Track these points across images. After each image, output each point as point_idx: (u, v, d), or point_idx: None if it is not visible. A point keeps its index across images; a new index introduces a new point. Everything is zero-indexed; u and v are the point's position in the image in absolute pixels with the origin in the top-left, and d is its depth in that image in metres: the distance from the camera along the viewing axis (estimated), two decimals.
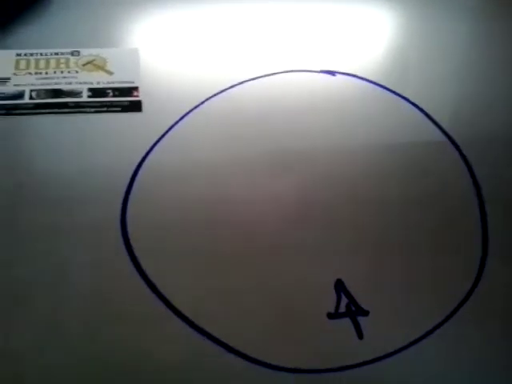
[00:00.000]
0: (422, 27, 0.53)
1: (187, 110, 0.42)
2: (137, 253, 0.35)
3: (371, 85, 0.47)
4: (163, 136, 0.41)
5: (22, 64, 0.43)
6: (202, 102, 0.43)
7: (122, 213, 0.37)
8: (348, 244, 0.37)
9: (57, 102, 0.41)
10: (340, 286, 0.35)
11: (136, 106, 0.42)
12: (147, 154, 0.39)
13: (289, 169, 0.41)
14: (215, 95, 0.44)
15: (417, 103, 0.46)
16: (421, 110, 0.46)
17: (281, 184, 0.40)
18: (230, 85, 0.44)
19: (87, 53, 0.44)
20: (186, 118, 0.42)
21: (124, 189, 0.37)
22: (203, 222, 0.37)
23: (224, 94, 0.44)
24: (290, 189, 0.40)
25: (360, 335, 0.34)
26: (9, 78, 0.41)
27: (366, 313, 0.35)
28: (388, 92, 0.47)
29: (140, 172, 0.39)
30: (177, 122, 0.41)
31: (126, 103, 0.42)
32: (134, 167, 0.39)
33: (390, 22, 0.54)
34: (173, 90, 0.44)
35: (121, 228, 0.36)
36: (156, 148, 0.40)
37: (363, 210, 0.39)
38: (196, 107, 0.43)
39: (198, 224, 0.37)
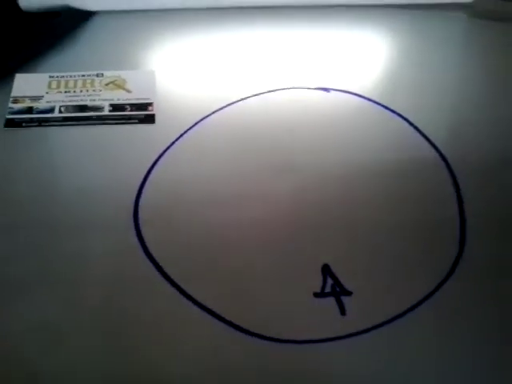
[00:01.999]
0: (413, 49, 0.58)
1: (194, 122, 0.48)
2: (148, 245, 0.40)
3: (362, 99, 0.52)
4: (172, 144, 0.46)
5: (54, 84, 0.49)
6: (208, 115, 0.49)
7: (134, 207, 0.42)
8: (335, 234, 0.42)
9: (82, 116, 0.47)
10: (326, 270, 0.40)
11: (150, 119, 0.47)
12: (159, 158, 0.45)
13: (284, 176, 0.45)
14: (220, 109, 0.49)
15: (406, 116, 0.50)
16: (410, 123, 0.50)
17: (277, 187, 0.44)
18: (232, 101, 0.50)
19: (110, 74, 0.51)
20: (193, 129, 0.47)
21: (137, 187, 0.43)
22: (207, 220, 0.42)
23: (227, 109, 0.49)
24: (286, 190, 0.44)
25: (343, 312, 0.38)
26: (42, 96, 0.48)
27: (349, 293, 0.39)
28: (378, 106, 0.52)
29: (151, 174, 0.44)
30: (185, 132, 0.47)
31: (142, 116, 0.48)
32: (147, 169, 0.44)
33: (383, 45, 0.59)
34: (182, 106, 0.50)
35: (133, 218, 0.41)
36: (166, 154, 0.46)
37: (350, 208, 0.43)
38: (202, 119, 0.48)
39: (203, 221, 0.42)
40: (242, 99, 0.50)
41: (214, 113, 0.49)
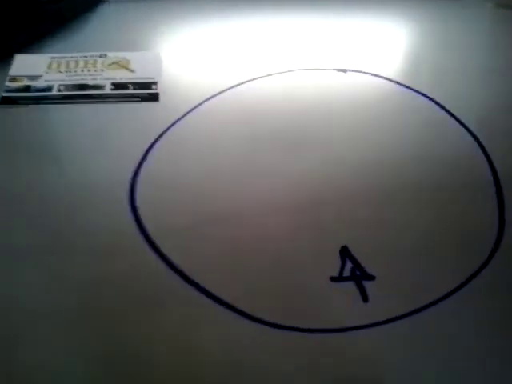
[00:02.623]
0: (436, 36, 0.54)
1: (201, 101, 0.44)
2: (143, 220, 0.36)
3: (382, 80, 0.48)
4: (175, 123, 0.43)
5: (54, 65, 0.46)
6: (216, 94, 0.45)
7: (131, 185, 0.38)
8: (355, 214, 0.37)
9: (82, 94, 0.44)
10: (345, 252, 0.35)
11: (154, 97, 0.44)
12: (160, 136, 0.41)
13: (299, 157, 0.41)
14: (229, 89, 0.46)
15: (426, 93, 0.46)
16: (430, 98, 0.46)
17: (291, 168, 0.40)
18: (239, 82, 0.46)
19: (113, 55, 0.48)
20: (199, 108, 0.44)
21: (135, 166, 0.39)
22: (210, 201, 0.38)
23: (234, 89, 0.46)
24: (300, 171, 0.40)
25: (365, 299, 0.33)
26: (41, 76, 0.45)
27: (371, 277, 0.33)
28: (399, 86, 0.47)
29: (152, 151, 0.40)
30: (190, 111, 0.44)
31: (145, 95, 0.44)
32: (147, 146, 0.41)
33: (407, 32, 0.56)
34: (189, 86, 0.46)
35: (130, 196, 0.37)
36: (168, 132, 0.42)
37: (370, 184, 0.39)
38: (210, 98, 0.45)
39: (205, 201, 0.38)
40: (249, 81, 0.47)
41: (223, 92, 0.45)
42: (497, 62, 0.51)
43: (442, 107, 0.46)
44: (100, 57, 0.48)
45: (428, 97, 0.46)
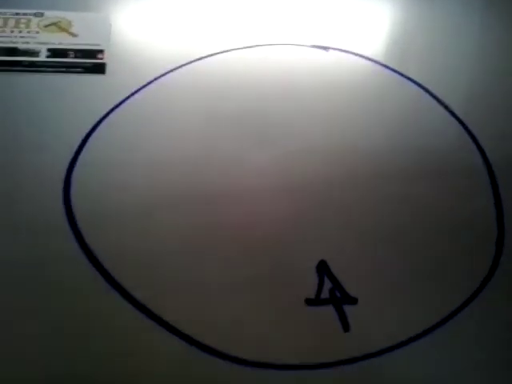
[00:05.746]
0: (427, 13, 0.49)
1: (156, 75, 0.37)
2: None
3: (365, 60, 0.42)
4: (124, 101, 0.35)
5: None
6: (175, 69, 0.38)
7: (66, 179, 0.31)
8: (336, 220, 0.31)
9: (9, 60, 0.36)
10: (323, 268, 0.29)
11: (99, 68, 0.37)
12: (106, 115, 0.34)
13: (272, 143, 0.35)
14: (189, 63, 0.39)
15: (413, 78, 0.41)
16: (417, 83, 0.41)
17: (263, 159, 0.34)
18: (203, 55, 0.39)
19: (52, 14, 0.40)
20: (154, 84, 0.37)
21: (72, 154, 0.32)
22: (156, 205, 0.32)
23: (196, 63, 0.39)
24: (267, 166, 0.34)
25: (346, 327, 0.27)
26: None
27: (354, 301, 0.28)
28: (381, 67, 0.42)
29: (93, 135, 0.33)
30: (143, 87, 0.36)
31: (89, 65, 0.37)
32: (88, 129, 0.33)
33: (396, 10, 0.50)
34: (143, 57, 0.39)
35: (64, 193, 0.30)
36: (114, 113, 0.35)
37: (355, 185, 0.33)
38: (166, 74, 0.38)
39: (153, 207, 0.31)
40: (214, 54, 0.40)
41: (182, 66, 0.38)
42: (488, 45, 0.46)
43: (429, 92, 0.40)
44: (35, 15, 0.40)
45: (415, 81, 0.41)
